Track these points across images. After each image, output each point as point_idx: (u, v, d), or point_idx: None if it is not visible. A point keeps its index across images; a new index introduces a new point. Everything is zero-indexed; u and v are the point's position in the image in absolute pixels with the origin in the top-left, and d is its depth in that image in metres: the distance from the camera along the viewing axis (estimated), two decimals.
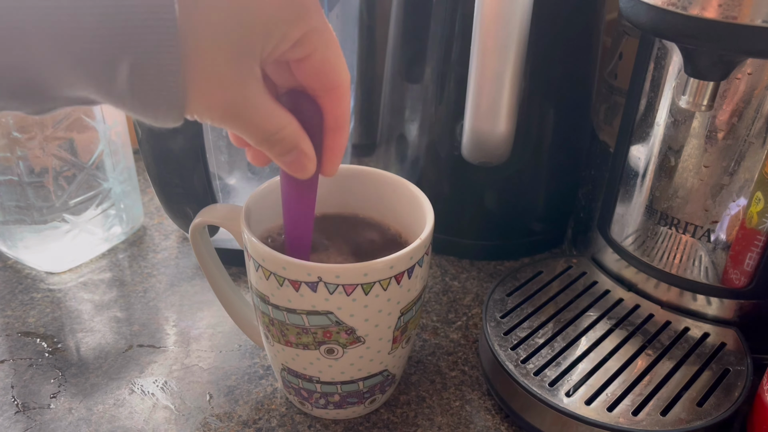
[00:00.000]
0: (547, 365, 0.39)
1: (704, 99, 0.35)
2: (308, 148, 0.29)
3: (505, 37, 0.38)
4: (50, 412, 0.40)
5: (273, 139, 0.28)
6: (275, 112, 0.27)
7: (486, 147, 0.42)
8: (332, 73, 0.28)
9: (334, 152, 0.31)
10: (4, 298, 0.49)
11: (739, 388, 0.38)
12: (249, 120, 0.26)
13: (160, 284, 0.51)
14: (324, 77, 0.28)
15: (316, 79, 0.28)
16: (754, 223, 0.39)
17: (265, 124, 0.27)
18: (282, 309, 0.34)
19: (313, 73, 0.28)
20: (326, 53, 0.27)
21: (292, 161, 0.29)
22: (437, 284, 0.52)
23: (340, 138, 0.31)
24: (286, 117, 0.28)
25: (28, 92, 0.23)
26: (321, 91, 0.29)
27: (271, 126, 0.27)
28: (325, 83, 0.29)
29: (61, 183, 0.49)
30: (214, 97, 0.25)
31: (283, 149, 0.29)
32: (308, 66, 0.28)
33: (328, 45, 0.27)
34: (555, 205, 0.56)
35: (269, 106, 0.27)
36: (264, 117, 0.27)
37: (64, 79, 0.23)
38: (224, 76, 0.24)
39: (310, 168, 0.30)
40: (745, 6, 0.31)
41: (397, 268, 0.33)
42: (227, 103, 0.25)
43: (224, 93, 0.25)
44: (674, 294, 0.43)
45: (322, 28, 0.27)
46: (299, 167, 0.30)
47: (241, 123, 0.26)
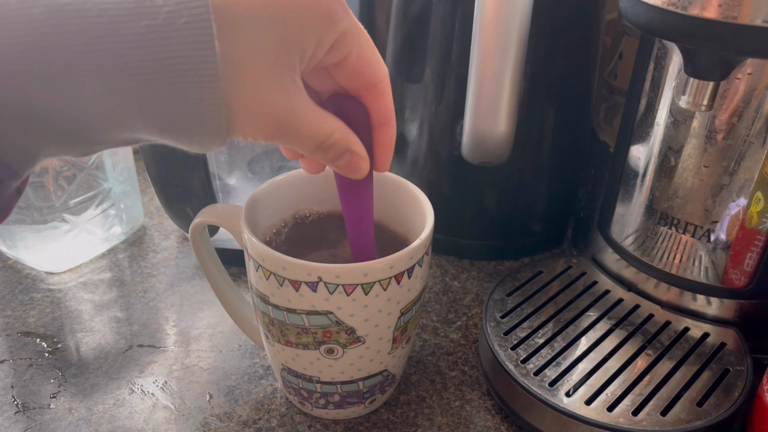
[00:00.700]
0: (547, 365, 0.39)
1: (704, 99, 0.35)
2: (360, 148, 0.30)
3: (505, 38, 0.38)
4: (50, 412, 0.40)
5: (325, 146, 0.28)
6: (322, 120, 0.27)
7: (486, 147, 0.42)
8: (370, 70, 0.28)
9: (384, 147, 0.31)
10: (4, 298, 0.49)
11: (739, 388, 0.38)
12: (298, 132, 0.27)
13: (160, 284, 0.51)
14: (363, 76, 0.29)
15: (355, 79, 0.29)
16: (754, 223, 0.39)
17: (315, 133, 0.27)
18: (282, 309, 0.34)
19: (352, 74, 0.28)
20: (362, 52, 0.28)
21: (347, 164, 0.30)
22: (437, 284, 0.52)
23: (388, 132, 0.31)
24: (334, 122, 0.28)
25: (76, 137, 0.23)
26: (363, 90, 0.29)
27: (321, 134, 0.28)
28: (365, 81, 0.29)
29: (61, 183, 0.49)
30: (262, 116, 0.25)
31: (336, 154, 0.29)
32: (346, 67, 0.28)
33: (362, 44, 0.28)
34: (555, 205, 0.56)
35: (316, 115, 0.27)
36: (312, 126, 0.27)
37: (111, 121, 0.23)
38: (268, 94, 0.25)
39: (364, 168, 0.31)
40: (745, 6, 0.31)
41: (397, 268, 0.33)
42: (275, 119, 0.25)
43: (270, 110, 0.25)
44: (674, 294, 0.43)
45: (354, 28, 0.27)
46: (354, 168, 0.30)
47: (291, 136, 0.27)
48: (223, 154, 0.53)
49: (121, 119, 0.23)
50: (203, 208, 0.38)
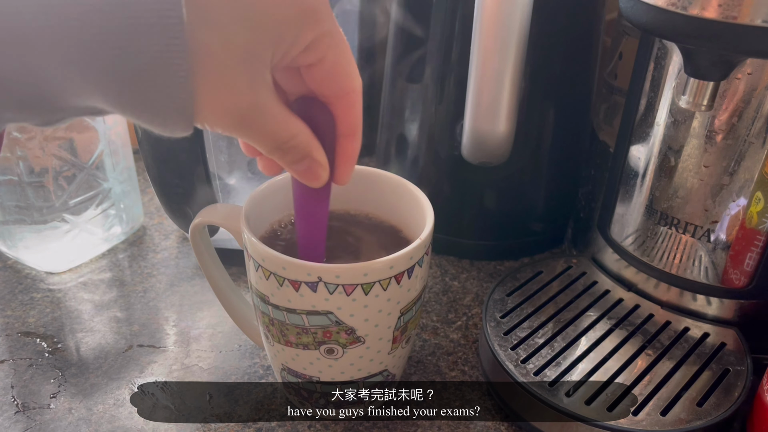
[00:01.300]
0: (547, 365, 0.39)
1: (704, 99, 0.35)
2: (321, 156, 0.29)
3: (505, 37, 0.38)
4: (50, 412, 0.40)
5: (285, 148, 0.27)
6: (287, 120, 0.27)
7: (486, 147, 0.42)
8: (344, 78, 0.28)
9: (347, 159, 0.30)
10: (4, 298, 0.49)
11: (739, 388, 0.38)
12: (260, 128, 0.26)
13: (160, 284, 0.51)
14: (335, 83, 0.28)
15: (327, 85, 0.28)
16: (754, 223, 0.39)
17: (277, 132, 0.26)
18: (282, 309, 0.34)
19: (324, 79, 0.27)
20: (338, 57, 0.27)
21: (305, 170, 0.29)
22: (437, 284, 0.52)
23: (352, 145, 0.30)
24: (298, 125, 0.27)
25: (35, 102, 0.23)
26: (333, 98, 0.28)
27: (283, 134, 0.27)
28: (337, 89, 0.28)
29: (61, 183, 0.49)
30: (225, 103, 0.24)
31: (295, 158, 0.28)
32: (319, 71, 0.27)
33: (340, 49, 0.27)
34: (555, 205, 0.56)
35: (281, 114, 0.26)
36: (276, 125, 0.26)
37: (71, 87, 0.22)
38: (235, 82, 0.24)
39: (323, 176, 0.30)
40: (745, 6, 0.31)
41: (397, 268, 0.33)
42: (238, 110, 0.25)
43: (235, 99, 0.24)
44: (674, 294, 0.43)
45: (334, 31, 0.26)
46: (312, 176, 0.29)
47: (252, 131, 0.26)
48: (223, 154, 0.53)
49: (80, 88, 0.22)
50: (203, 208, 0.38)
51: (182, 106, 0.23)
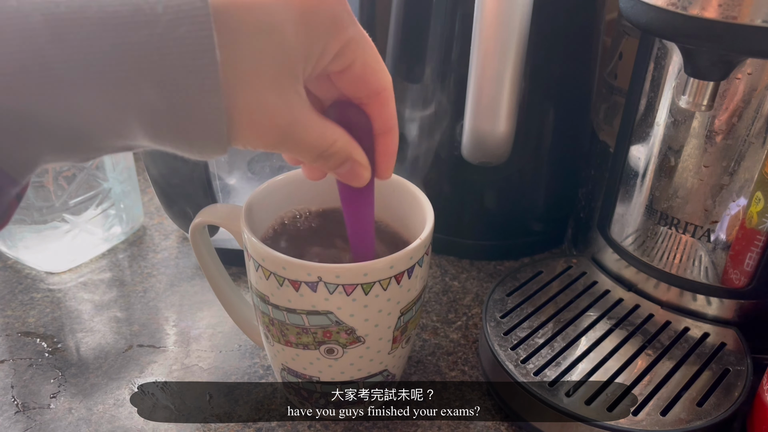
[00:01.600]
0: (547, 365, 0.39)
1: (704, 99, 0.35)
2: (361, 157, 0.30)
3: (505, 37, 0.38)
4: (50, 412, 0.40)
5: (326, 155, 0.28)
6: (325, 128, 0.27)
7: (486, 147, 0.42)
8: (374, 78, 0.28)
9: (387, 155, 0.31)
10: (4, 298, 0.49)
11: (739, 388, 0.38)
12: (300, 141, 0.27)
13: (160, 284, 0.51)
14: (367, 84, 0.28)
15: (359, 87, 0.28)
16: (754, 223, 0.39)
17: (317, 141, 0.27)
18: (282, 309, 0.34)
19: (355, 82, 0.28)
20: (366, 60, 0.27)
21: (348, 172, 0.30)
22: (437, 284, 0.52)
23: (391, 141, 0.31)
24: (336, 131, 0.28)
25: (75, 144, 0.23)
26: (366, 98, 0.29)
27: (323, 143, 0.27)
28: (369, 90, 0.29)
29: (61, 183, 0.49)
30: (263, 125, 0.25)
31: (337, 162, 0.29)
32: (350, 75, 0.28)
33: (367, 51, 0.27)
34: (555, 205, 0.56)
35: (318, 124, 0.27)
36: (315, 135, 0.27)
37: (110, 128, 0.23)
38: (270, 103, 0.24)
39: (365, 176, 0.30)
40: (745, 6, 0.31)
41: (397, 268, 0.33)
42: (277, 128, 0.25)
43: (272, 119, 0.25)
44: (674, 294, 0.43)
45: (359, 36, 0.27)
46: (355, 176, 0.30)
47: (293, 145, 0.27)
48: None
49: (120, 128, 0.23)
50: (203, 208, 0.38)
51: (219, 136, 0.24)
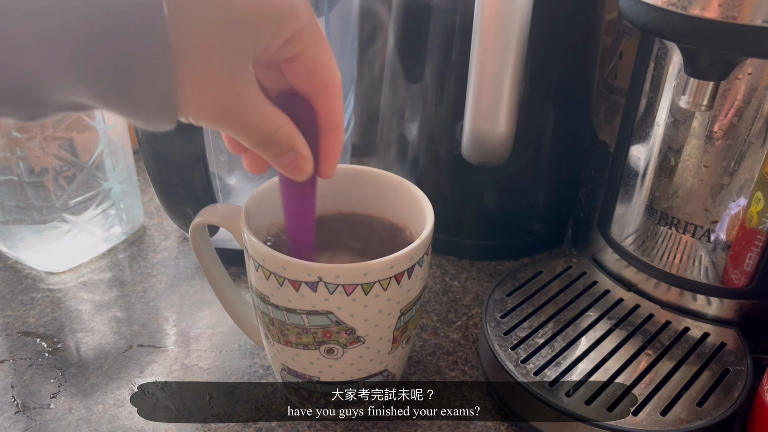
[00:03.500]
0: (547, 365, 0.39)
1: (704, 99, 0.35)
2: (304, 149, 0.29)
3: (505, 37, 0.38)
4: (50, 412, 0.40)
5: (268, 141, 0.27)
6: (270, 113, 0.27)
7: (486, 147, 0.42)
8: (324, 72, 0.28)
9: (330, 153, 0.31)
10: (4, 298, 0.49)
11: (739, 388, 0.38)
12: (244, 120, 0.26)
13: (160, 284, 0.51)
14: (316, 77, 0.28)
15: (307, 80, 0.28)
16: (754, 223, 0.39)
17: (261, 124, 0.27)
18: (282, 309, 0.34)
19: (304, 74, 0.28)
20: (317, 52, 0.27)
21: (289, 163, 0.29)
22: (437, 284, 0.52)
23: (335, 139, 0.31)
24: (282, 118, 0.28)
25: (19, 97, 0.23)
26: (313, 93, 0.29)
27: (267, 127, 0.27)
28: (317, 83, 0.28)
29: (61, 183, 0.49)
30: (208, 96, 0.24)
31: (280, 151, 0.28)
32: (299, 66, 0.27)
33: (319, 43, 0.27)
34: (555, 205, 0.56)
35: (264, 107, 0.27)
36: (259, 117, 0.26)
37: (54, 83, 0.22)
38: (217, 75, 0.24)
39: (307, 169, 0.30)
40: (745, 6, 0.31)
41: (397, 268, 0.33)
42: (221, 102, 0.25)
43: (218, 92, 0.24)
44: (674, 294, 0.43)
45: (312, 26, 0.26)
46: (296, 169, 0.30)
47: (235, 123, 0.26)
48: (223, 154, 0.53)
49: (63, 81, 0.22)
50: (203, 208, 0.38)
51: (165, 102, 0.23)
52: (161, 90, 0.23)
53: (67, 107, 0.24)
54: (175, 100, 0.23)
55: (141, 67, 0.22)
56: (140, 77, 0.22)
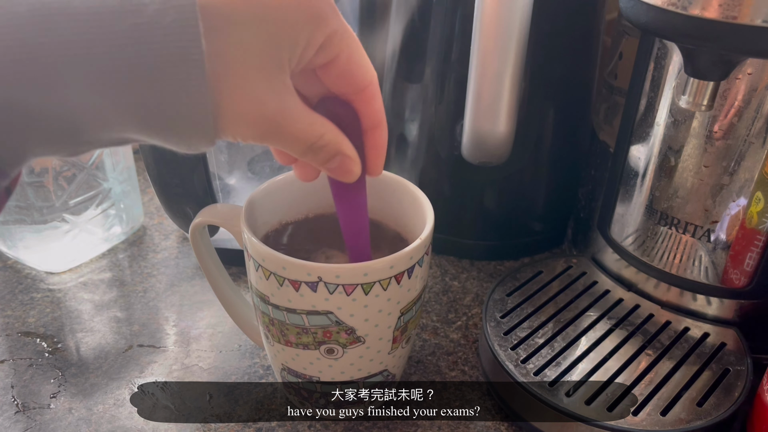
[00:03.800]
0: (547, 365, 0.39)
1: (704, 99, 0.35)
2: (351, 151, 0.30)
3: (505, 37, 0.38)
4: (50, 412, 0.40)
5: (315, 148, 0.28)
6: (313, 121, 0.27)
7: (486, 147, 0.42)
8: (359, 72, 0.28)
9: (376, 150, 0.31)
10: (4, 298, 0.49)
11: (739, 388, 0.38)
12: (288, 132, 0.27)
13: (160, 284, 0.51)
14: (352, 78, 0.28)
15: (344, 82, 0.29)
16: (754, 223, 0.39)
17: (305, 134, 0.27)
18: (282, 309, 0.34)
19: (340, 76, 0.28)
20: (350, 54, 0.28)
21: (337, 167, 0.30)
22: (437, 284, 0.52)
23: (379, 136, 0.31)
24: (325, 124, 0.28)
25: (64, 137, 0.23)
26: (352, 94, 0.29)
27: (312, 135, 0.27)
28: (355, 84, 0.29)
29: (61, 183, 0.49)
30: (251, 116, 0.25)
31: (327, 156, 0.29)
32: (335, 69, 0.28)
33: (351, 45, 0.27)
34: (555, 205, 0.56)
35: (306, 116, 0.27)
36: (303, 127, 0.27)
37: (100, 120, 0.23)
38: (258, 93, 0.25)
39: (355, 171, 0.30)
40: (745, 6, 0.31)
41: (397, 267, 0.33)
42: (265, 120, 0.25)
43: (260, 110, 0.25)
44: (674, 294, 0.43)
45: (342, 29, 0.27)
46: (345, 171, 0.30)
47: (281, 137, 0.27)
48: (223, 154, 0.53)
49: (108, 119, 0.23)
50: (203, 208, 0.38)
51: (205, 127, 0.24)
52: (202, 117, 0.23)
53: (111, 143, 0.24)
54: (215, 128, 0.24)
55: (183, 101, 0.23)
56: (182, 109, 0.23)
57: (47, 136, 0.23)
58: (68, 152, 0.24)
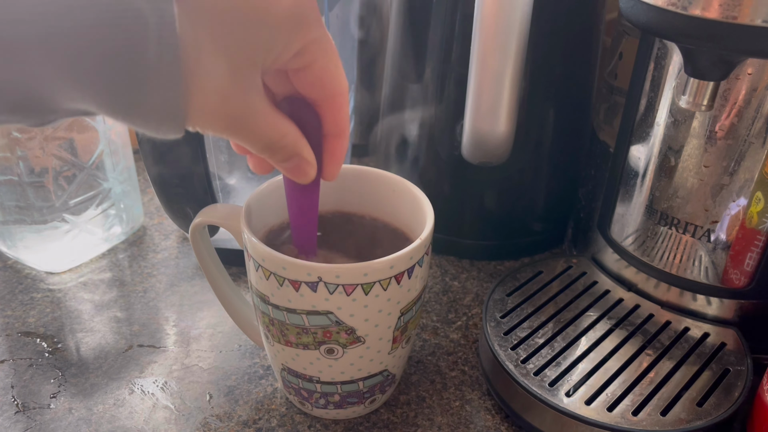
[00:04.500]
0: (547, 365, 0.39)
1: (704, 99, 0.35)
2: (309, 154, 0.30)
3: (505, 37, 0.38)
4: (50, 412, 0.40)
5: (275, 147, 0.28)
6: (276, 121, 0.28)
7: (486, 147, 0.42)
8: (331, 82, 0.29)
9: (334, 157, 0.32)
10: (4, 298, 0.49)
11: (739, 388, 0.38)
12: (251, 130, 0.27)
13: (160, 284, 0.51)
14: (323, 86, 0.29)
15: (315, 89, 0.29)
16: (754, 223, 0.39)
17: (267, 132, 0.27)
18: (282, 309, 0.34)
19: (312, 83, 0.28)
20: (326, 63, 0.28)
21: (294, 167, 0.30)
22: (437, 284, 0.52)
23: (340, 144, 0.31)
24: (287, 125, 0.28)
25: (28, 106, 0.23)
26: (320, 100, 0.29)
27: (273, 134, 0.28)
28: (325, 92, 0.29)
29: (61, 183, 0.49)
30: (217, 109, 0.25)
31: (285, 156, 0.29)
32: (308, 75, 0.28)
33: (328, 55, 0.28)
34: (555, 205, 0.56)
35: (271, 115, 0.27)
36: (266, 126, 0.27)
37: (63, 92, 0.23)
38: (227, 89, 0.25)
39: (311, 173, 0.31)
40: (745, 6, 0.31)
41: (397, 268, 0.33)
42: (229, 114, 0.25)
43: (227, 105, 0.25)
44: (674, 294, 0.43)
45: (322, 38, 0.27)
46: (301, 173, 0.30)
47: (243, 133, 0.27)
48: (223, 154, 0.53)
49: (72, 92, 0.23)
50: (203, 208, 0.38)
51: (174, 112, 0.24)
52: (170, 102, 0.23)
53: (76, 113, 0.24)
54: (183, 112, 0.24)
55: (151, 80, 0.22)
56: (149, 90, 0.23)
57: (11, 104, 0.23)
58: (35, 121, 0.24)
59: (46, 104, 0.23)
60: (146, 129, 0.24)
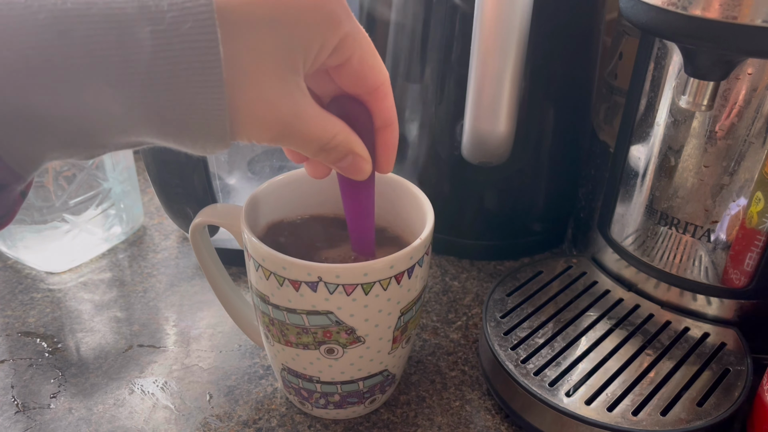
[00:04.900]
0: (547, 365, 0.39)
1: (704, 99, 0.35)
2: (362, 150, 0.30)
3: (505, 37, 0.38)
4: (50, 412, 0.40)
5: (328, 148, 0.28)
6: (326, 121, 0.28)
7: (486, 147, 0.42)
8: (372, 73, 0.29)
9: (387, 149, 0.32)
10: (4, 298, 0.49)
11: (739, 388, 0.38)
12: (302, 134, 0.27)
13: (160, 284, 0.51)
14: (364, 79, 0.29)
15: (357, 83, 0.29)
16: (754, 223, 0.39)
17: (318, 135, 0.28)
18: (282, 309, 0.34)
19: (353, 77, 0.29)
20: (363, 55, 0.28)
21: (349, 165, 0.30)
22: (437, 284, 0.52)
23: (391, 135, 0.31)
24: (337, 124, 0.28)
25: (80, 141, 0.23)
26: (364, 94, 0.30)
27: (324, 136, 0.28)
28: (367, 84, 0.29)
29: (61, 183, 0.49)
30: (266, 119, 0.25)
31: (339, 155, 0.29)
32: (348, 70, 0.28)
33: (363, 47, 0.28)
34: (555, 205, 0.56)
35: (319, 117, 0.27)
36: (316, 128, 0.27)
37: (115, 125, 0.23)
38: (272, 96, 0.25)
39: (366, 169, 0.31)
40: (745, 6, 0.31)
41: (397, 267, 0.33)
42: (279, 122, 0.26)
43: (275, 113, 0.25)
44: (674, 294, 0.43)
45: (356, 31, 0.27)
46: (356, 170, 0.31)
47: (294, 139, 0.27)
48: (223, 153, 0.53)
49: (125, 124, 0.23)
50: (203, 208, 0.38)
51: (221, 131, 0.24)
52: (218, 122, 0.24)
53: (125, 146, 0.25)
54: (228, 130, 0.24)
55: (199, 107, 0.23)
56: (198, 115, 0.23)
57: (63, 141, 0.23)
58: (84, 155, 0.24)
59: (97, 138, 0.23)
60: (194, 150, 0.25)
